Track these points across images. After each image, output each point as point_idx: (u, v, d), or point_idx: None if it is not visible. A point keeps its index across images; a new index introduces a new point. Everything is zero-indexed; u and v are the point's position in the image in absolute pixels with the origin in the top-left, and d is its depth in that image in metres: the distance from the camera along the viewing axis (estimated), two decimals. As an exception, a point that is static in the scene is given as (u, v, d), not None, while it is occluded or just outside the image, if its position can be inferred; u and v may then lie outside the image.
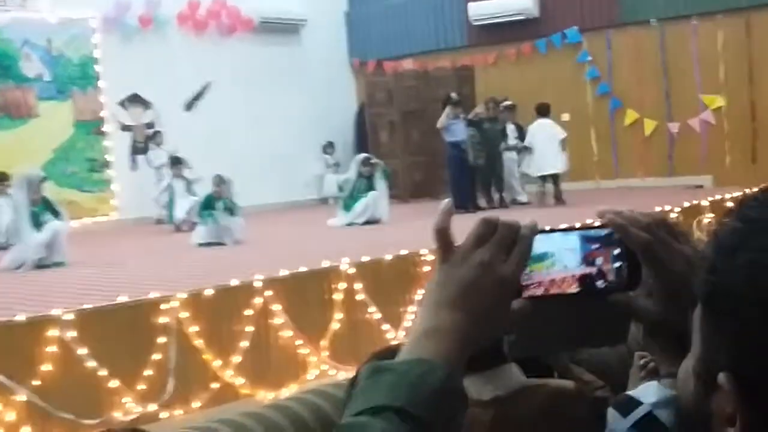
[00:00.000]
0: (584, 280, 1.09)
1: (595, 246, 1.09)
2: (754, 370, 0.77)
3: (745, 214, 0.83)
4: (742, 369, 0.78)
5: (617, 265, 1.09)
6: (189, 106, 14.74)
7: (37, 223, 9.45)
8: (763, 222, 0.80)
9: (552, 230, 1.10)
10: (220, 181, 10.83)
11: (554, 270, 1.08)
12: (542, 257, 1.07)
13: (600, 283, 1.10)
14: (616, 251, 1.09)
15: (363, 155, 12.85)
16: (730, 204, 8.02)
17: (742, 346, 0.78)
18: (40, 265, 9.25)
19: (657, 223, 1.10)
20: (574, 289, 1.09)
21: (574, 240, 1.09)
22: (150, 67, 15.02)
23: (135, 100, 15.20)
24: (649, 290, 1.09)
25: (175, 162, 13.25)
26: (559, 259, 1.08)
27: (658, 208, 10.50)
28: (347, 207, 12.13)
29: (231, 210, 10.56)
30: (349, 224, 11.80)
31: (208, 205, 10.68)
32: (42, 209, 9.62)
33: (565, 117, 15.82)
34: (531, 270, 1.07)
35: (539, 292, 1.07)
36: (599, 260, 1.10)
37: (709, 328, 0.83)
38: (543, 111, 13.67)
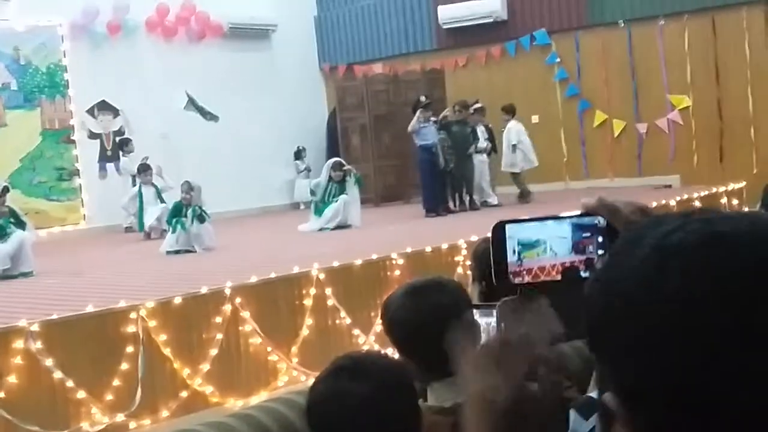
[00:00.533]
0: (567, 269, 1.10)
1: (586, 234, 1.10)
2: (631, 384, 0.81)
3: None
4: (621, 387, 0.81)
5: (601, 253, 1.10)
6: (205, 114, 14.60)
7: (2, 234, 9.37)
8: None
9: (546, 218, 1.11)
10: (188, 188, 10.76)
11: (545, 257, 1.09)
12: (534, 244, 1.09)
13: (584, 272, 1.10)
14: (600, 239, 1.10)
15: (334, 160, 12.83)
16: (697, 203, 8.08)
17: (616, 365, 0.82)
18: (6, 276, 9.16)
19: (641, 209, 1.13)
20: (559, 276, 1.10)
21: (566, 228, 1.09)
22: (119, 74, 14.93)
23: (104, 107, 15.10)
24: None
25: (144, 168, 13.16)
26: (551, 246, 1.09)
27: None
28: (318, 212, 12.11)
29: (200, 217, 10.50)
30: (321, 229, 11.79)
31: (176, 212, 10.63)
32: (6, 220, 9.53)
33: (535, 119, 15.91)
34: (523, 257, 1.08)
35: (528, 278, 1.08)
36: (590, 248, 1.10)
37: (597, 353, 0.87)
38: (513, 111, 14.08)
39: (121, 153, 14.30)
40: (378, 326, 7.79)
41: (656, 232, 0.84)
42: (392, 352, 2.42)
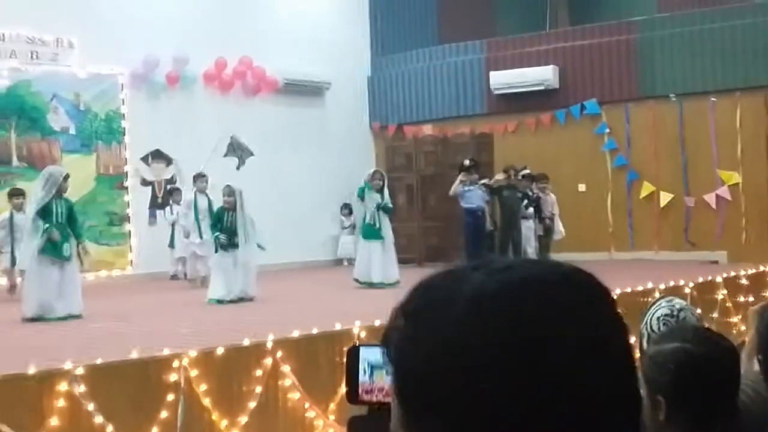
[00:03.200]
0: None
1: None
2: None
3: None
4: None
5: None
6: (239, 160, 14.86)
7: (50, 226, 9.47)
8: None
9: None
10: (230, 191, 10.73)
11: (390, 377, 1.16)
12: (382, 365, 1.16)
13: None
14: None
15: (372, 170, 12.90)
16: (744, 281, 7.97)
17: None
18: (51, 318, 9.24)
19: None
20: None
21: None
22: (175, 125, 15.26)
23: (158, 155, 15.42)
24: None
25: (200, 176, 13.24)
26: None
27: (672, 283, 10.50)
28: (370, 235, 12.01)
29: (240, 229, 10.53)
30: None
31: (218, 220, 10.65)
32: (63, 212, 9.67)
33: (582, 187, 15.93)
34: (375, 377, 1.15)
35: (380, 397, 1.15)
36: None
37: None
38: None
39: (171, 201, 14.54)
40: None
41: (462, 292, 0.87)
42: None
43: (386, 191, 12.17)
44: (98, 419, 6.09)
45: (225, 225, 10.64)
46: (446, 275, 0.93)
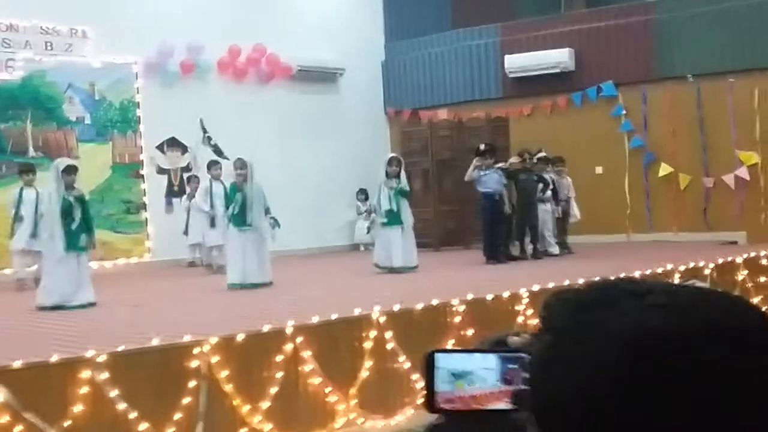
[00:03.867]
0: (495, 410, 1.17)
1: (512, 366, 1.16)
2: None
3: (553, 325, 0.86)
4: None
5: (524, 387, 1.15)
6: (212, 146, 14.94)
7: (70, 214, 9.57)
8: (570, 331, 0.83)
9: (473, 350, 1.18)
10: (242, 164, 10.68)
11: (474, 387, 1.15)
12: (463, 375, 1.14)
13: (505, 403, 1.16)
14: (526, 375, 1.15)
15: (389, 156, 12.86)
16: (764, 262, 7.92)
17: None
18: (66, 306, 9.27)
19: None
20: (490, 405, 1.15)
21: (492, 360, 1.16)
22: (189, 113, 15.28)
23: (173, 144, 15.43)
24: None
25: (214, 163, 13.32)
26: (479, 376, 1.15)
27: (692, 264, 10.45)
28: (391, 221, 11.96)
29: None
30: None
31: (233, 195, 10.62)
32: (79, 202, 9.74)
33: (599, 170, 15.86)
34: (455, 385, 1.14)
35: (459, 405, 1.14)
36: (517, 381, 1.16)
37: None
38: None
39: (187, 189, 14.55)
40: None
41: (615, 320, 0.80)
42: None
43: (403, 176, 12.14)
44: (121, 406, 6.11)
45: (238, 200, 10.59)
46: (597, 294, 0.85)
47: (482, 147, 13.40)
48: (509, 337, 1.21)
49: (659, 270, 10.25)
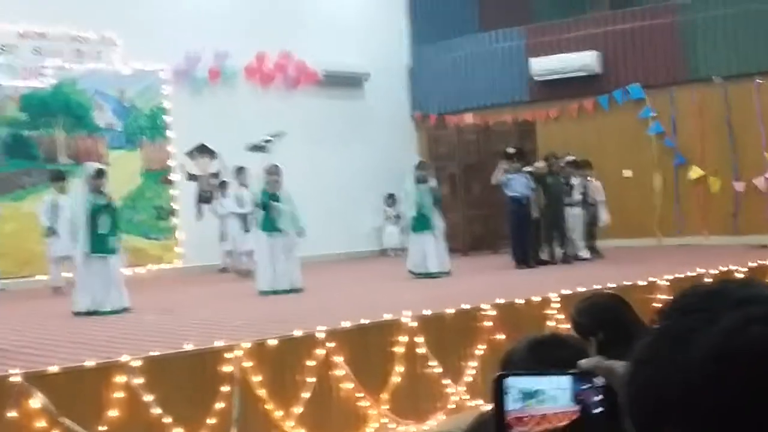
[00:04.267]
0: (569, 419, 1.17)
1: (585, 386, 1.17)
2: None
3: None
4: None
5: (600, 410, 1.15)
6: (254, 148, 14.98)
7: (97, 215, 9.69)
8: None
9: (544, 373, 1.18)
10: (277, 169, 10.76)
11: (545, 407, 1.15)
12: (535, 394, 1.15)
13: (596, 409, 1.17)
14: (598, 398, 1.16)
15: (418, 160, 12.85)
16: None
17: None
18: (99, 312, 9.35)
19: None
20: (560, 425, 1.16)
21: (565, 381, 1.16)
22: (217, 119, 15.37)
23: (202, 150, 15.53)
24: None
25: (241, 170, 13.40)
26: (551, 396, 1.15)
27: (723, 268, 10.38)
28: (423, 226, 11.95)
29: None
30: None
31: (265, 198, 10.65)
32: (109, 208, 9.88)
33: (627, 173, 15.79)
34: (526, 405, 1.14)
35: (531, 426, 1.14)
36: (590, 401, 1.17)
37: None
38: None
39: (217, 195, 14.64)
40: (468, 377, 7.79)
41: (713, 333, 0.81)
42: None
43: (433, 181, 12.12)
44: (156, 410, 6.17)
45: (270, 206, 10.61)
46: (700, 300, 0.87)
47: (509, 150, 13.39)
48: (579, 362, 1.21)
49: (690, 273, 10.20)
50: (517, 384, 1.15)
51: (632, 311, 3.91)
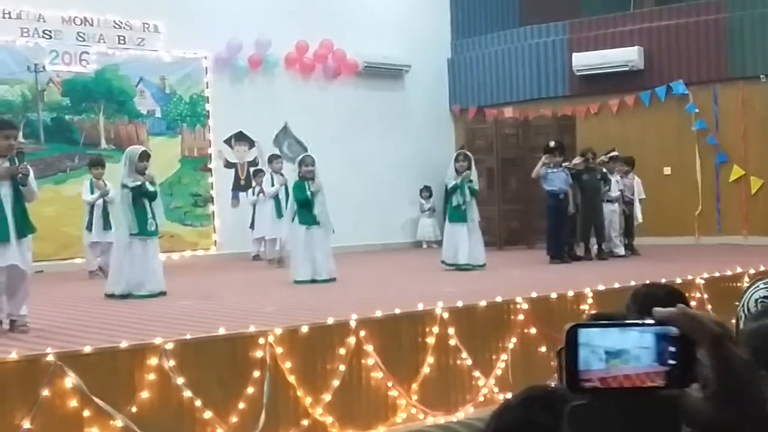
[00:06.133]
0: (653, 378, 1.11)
1: (666, 343, 1.12)
2: None
3: None
4: None
5: (673, 363, 1.10)
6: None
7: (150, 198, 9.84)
8: None
9: (625, 324, 1.12)
10: (312, 161, 10.69)
11: (629, 366, 1.10)
12: (619, 354, 1.10)
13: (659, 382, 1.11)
14: (672, 348, 1.10)
15: (457, 152, 12.78)
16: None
17: None
18: (138, 295, 9.43)
19: (718, 323, 1.12)
20: (646, 383, 1.10)
21: (649, 339, 1.11)
22: (257, 107, 15.45)
23: (241, 138, 15.62)
24: (708, 391, 1.08)
25: (275, 157, 13.56)
26: (634, 356, 1.10)
27: (762, 267, 10.23)
28: (457, 217, 11.85)
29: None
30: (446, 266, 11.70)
31: (301, 193, 10.62)
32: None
33: (667, 170, 15.63)
34: (611, 365, 1.09)
35: (614, 385, 1.09)
36: (667, 356, 1.11)
37: None
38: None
39: (254, 182, 14.69)
40: (499, 369, 7.77)
41: None
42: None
43: (474, 172, 12.02)
44: (187, 393, 6.21)
45: (307, 198, 10.62)
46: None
47: (551, 144, 13.30)
48: (654, 309, 1.16)
49: (728, 272, 10.07)
50: (597, 341, 1.10)
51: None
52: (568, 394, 2.23)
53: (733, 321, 3.48)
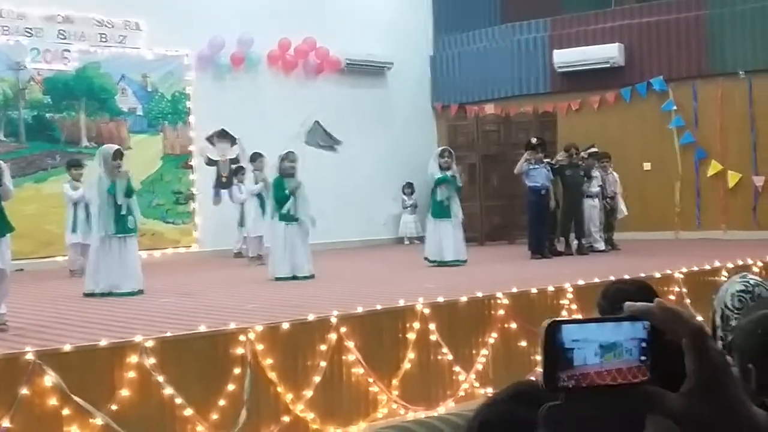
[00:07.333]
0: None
1: (642, 340, 1.11)
2: None
3: None
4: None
5: (643, 359, 1.10)
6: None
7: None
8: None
9: (596, 320, 1.11)
10: (294, 157, 10.70)
11: (622, 360, 1.09)
12: (613, 347, 1.07)
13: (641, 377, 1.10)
14: (643, 344, 1.10)
15: (440, 148, 12.83)
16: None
17: None
18: (114, 293, 9.41)
19: (694, 318, 1.11)
20: (630, 379, 1.09)
21: (639, 329, 1.11)
22: (239, 105, 15.43)
23: (222, 135, 15.61)
24: (685, 386, 1.06)
25: (257, 156, 13.39)
26: (627, 349, 1.08)
27: (740, 262, 10.32)
28: (441, 214, 11.87)
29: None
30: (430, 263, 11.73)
31: (280, 189, 10.62)
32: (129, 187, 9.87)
33: (647, 166, 15.72)
34: (605, 359, 1.08)
35: (608, 380, 1.07)
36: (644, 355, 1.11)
37: None
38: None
39: (235, 180, 14.70)
40: (479, 364, 7.81)
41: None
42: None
43: (456, 168, 12.09)
44: (168, 391, 6.22)
45: (287, 194, 10.62)
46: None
47: (533, 141, 13.37)
48: (626, 303, 1.14)
49: (707, 267, 10.16)
50: (592, 336, 1.07)
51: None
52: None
53: (710, 315, 3.53)
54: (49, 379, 5.78)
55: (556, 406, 1.08)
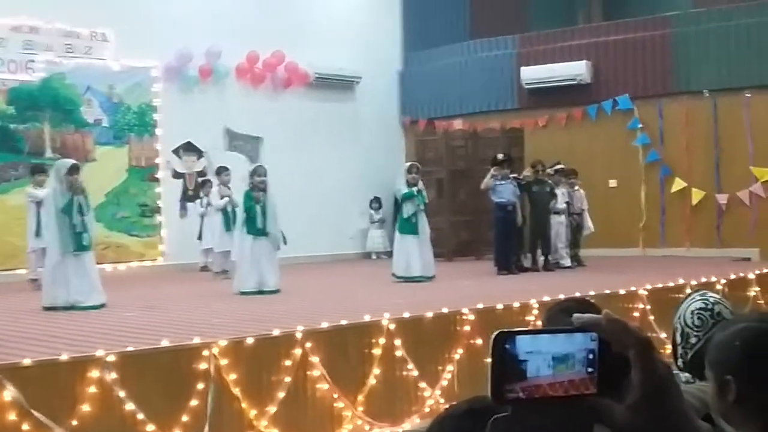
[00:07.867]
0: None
1: (590, 351, 1.09)
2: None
3: None
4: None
5: (590, 371, 1.08)
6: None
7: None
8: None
9: (558, 330, 1.09)
10: (264, 171, 10.66)
11: (574, 371, 1.07)
12: (565, 359, 1.08)
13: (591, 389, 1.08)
14: (590, 356, 1.08)
15: (408, 163, 12.86)
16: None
17: None
18: (78, 307, 9.31)
19: (640, 330, 1.11)
20: (588, 390, 1.07)
21: (589, 341, 1.09)
22: (207, 117, 15.35)
23: (189, 148, 15.51)
24: (630, 398, 1.06)
25: (223, 169, 13.36)
26: (579, 360, 1.08)
27: (703, 279, 10.41)
28: (408, 229, 11.86)
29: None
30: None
31: (250, 205, 10.57)
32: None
33: (612, 183, 15.84)
34: (558, 370, 1.06)
35: (561, 392, 1.05)
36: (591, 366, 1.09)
37: None
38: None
39: (201, 193, 14.60)
40: (445, 380, 7.80)
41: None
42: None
43: (421, 184, 12.13)
44: (129, 406, 6.14)
45: (257, 208, 10.56)
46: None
47: (499, 157, 13.43)
48: (575, 315, 1.12)
49: (671, 284, 10.23)
50: (545, 347, 1.05)
51: None
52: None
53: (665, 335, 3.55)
54: (9, 393, 5.69)
55: (503, 418, 1.08)
